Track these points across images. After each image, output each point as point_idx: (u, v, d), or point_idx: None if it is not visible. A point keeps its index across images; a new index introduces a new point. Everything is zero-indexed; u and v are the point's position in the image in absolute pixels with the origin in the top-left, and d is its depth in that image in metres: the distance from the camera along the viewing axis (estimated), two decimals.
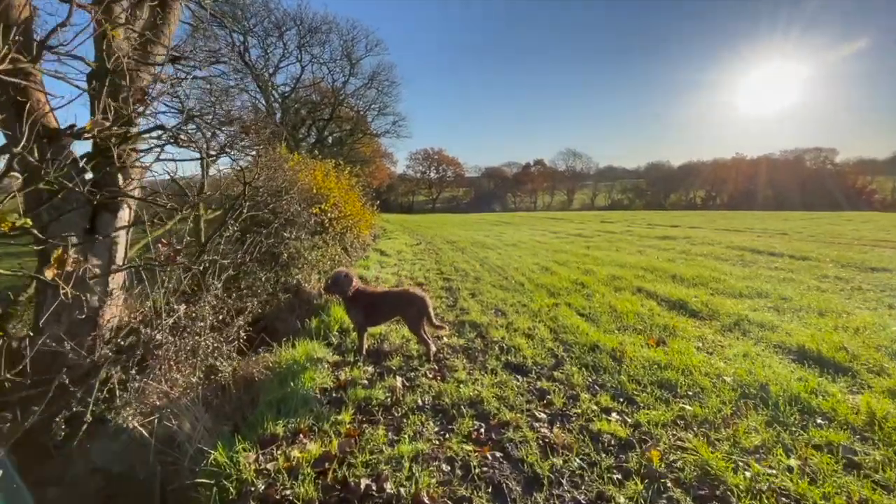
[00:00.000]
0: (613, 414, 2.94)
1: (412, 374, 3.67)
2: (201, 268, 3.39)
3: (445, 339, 4.46)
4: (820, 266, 8.59)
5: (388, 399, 3.19)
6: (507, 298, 6.31)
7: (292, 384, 3.23)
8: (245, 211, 4.93)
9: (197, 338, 2.86)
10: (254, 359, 3.65)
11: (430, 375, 3.62)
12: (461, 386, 3.38)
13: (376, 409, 3.06)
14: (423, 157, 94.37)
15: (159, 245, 3.04)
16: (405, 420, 2.90)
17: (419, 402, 3.13)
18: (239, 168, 5.01)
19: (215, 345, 2.93)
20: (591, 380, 3.50)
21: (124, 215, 4.87)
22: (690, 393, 3.21)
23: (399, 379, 3.49)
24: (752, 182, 77.51)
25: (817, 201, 64.21)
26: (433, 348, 4.01)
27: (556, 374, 3.63)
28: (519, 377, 3.61)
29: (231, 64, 23.79)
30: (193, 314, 3.00)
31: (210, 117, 4.22)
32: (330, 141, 30.92)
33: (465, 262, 10.17)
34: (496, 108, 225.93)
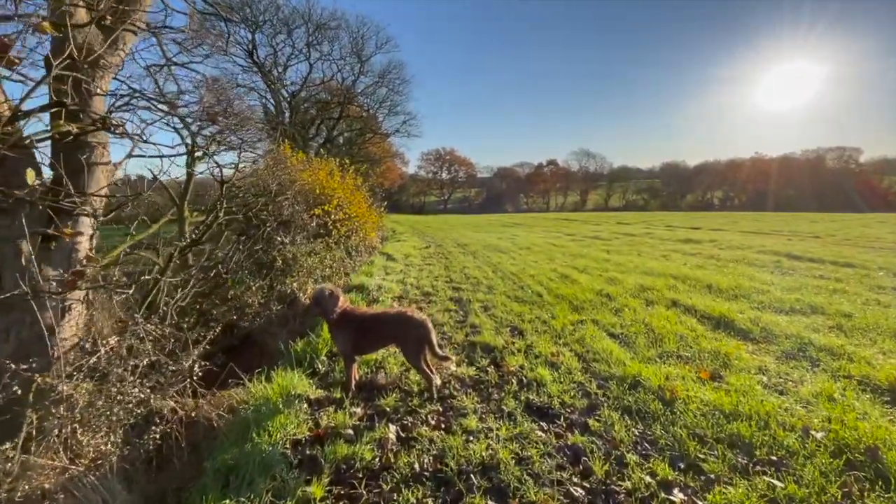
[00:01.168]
0: (677, 492, 2.18)
1: (410, 418, 2.94)
2: (131, 290, 2.72)
3: (454, 368, 3.74)
4: (870, 275, 7.68)
5: (377, 459, 2.47)
6: (525, 313, 5.55)
7: (255, 437, 2.52)
8: (221, 215, 4.28)
9: (120, 385, 2.17)
10: (215, 398, 2.96)
11: (433, 421, 2.89)
12: (471, 440, 2.64)
13: (360, 474, 2.34)
14: (435, 157, 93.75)
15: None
16: (396, 496, 2.17)
17: (416, 465, 2.40)
18: (216, 165, 4.36)
19: (139, 395, 2.22)
20: (637, 432, 2.73)
21: (87, 219, 4.25)
22: (773, 457, 2.42)
23: (393, 428, 2.76)
24: (772, 182, 75.37)
25: (840, 202, 62.18)
26: (437, 382, 3.29)
27: (591, 422, 2.86)
28: (544, 425, 2.85)
29: (237, 63, 23.38)
30: (123, 351, 2.32)
31: (158, 101, 3.56)
32: (341, 141, 30.38)
33: (476, 267, 9.43)
34: (508, 108, 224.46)
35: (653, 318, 5.13)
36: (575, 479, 2.29)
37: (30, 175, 2.64)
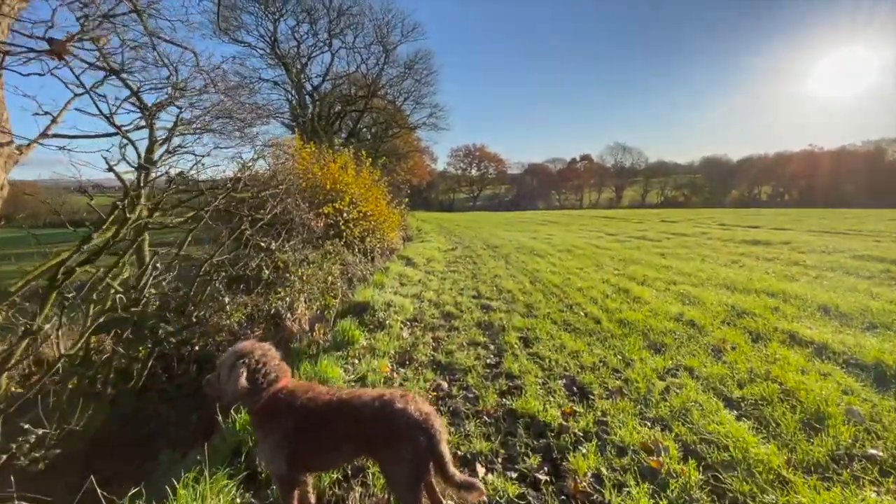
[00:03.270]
0: None
1: None
2: None
3: (481, 472, 2.22)
4: None
5: None
6: (582, 352, 3.96)
7: None
8: (136, 215, 2.91)
9: None
10: None
11: None
12: None
13: None
14: (465, 153, 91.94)
15: None
16: None
17: None
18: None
19: None
20: None
21: None
22: None
23: None
24: (828, 177, 69.68)
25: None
26: None
27: None
28: None
29: (261, 56, 22.52)
30: None
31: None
32: (368, 136, 29.15)
33: (510, 276, 7.86)
34: (540, 104, 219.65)
35: (776, 367, 3.45)
36: None
37: None
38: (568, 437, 2.55)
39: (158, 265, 3.68)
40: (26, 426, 2.89)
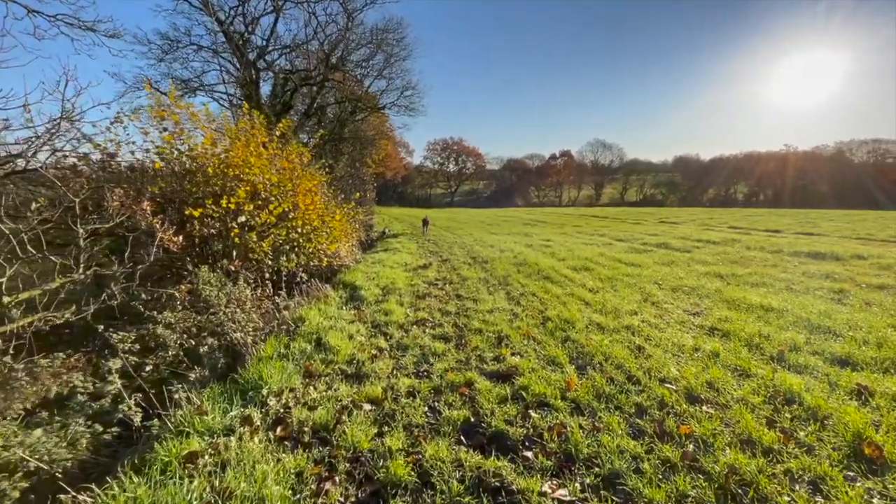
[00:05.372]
0: None
1: None
2: None
3: None
4: None
5: None
6: None
7: None
8: None
9: None
10: None
11: None
12: None
13: None
14: (442, 147, 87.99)
15: None
16: None
17: None
18: None
19: None
20: None
21: None
22: None
23: None
24: (802, 177, 69.75)
25: (882, 198, 56.63)
26: None
27: None
28: None
29: (193, 14, 18.04)
30: None
31: None
32: (330, 115, 24.70)
33: (525, 339, 4.31)
34: (517, 100, 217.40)
35: None
36: None
37: None
38: None
39: None
40: None
